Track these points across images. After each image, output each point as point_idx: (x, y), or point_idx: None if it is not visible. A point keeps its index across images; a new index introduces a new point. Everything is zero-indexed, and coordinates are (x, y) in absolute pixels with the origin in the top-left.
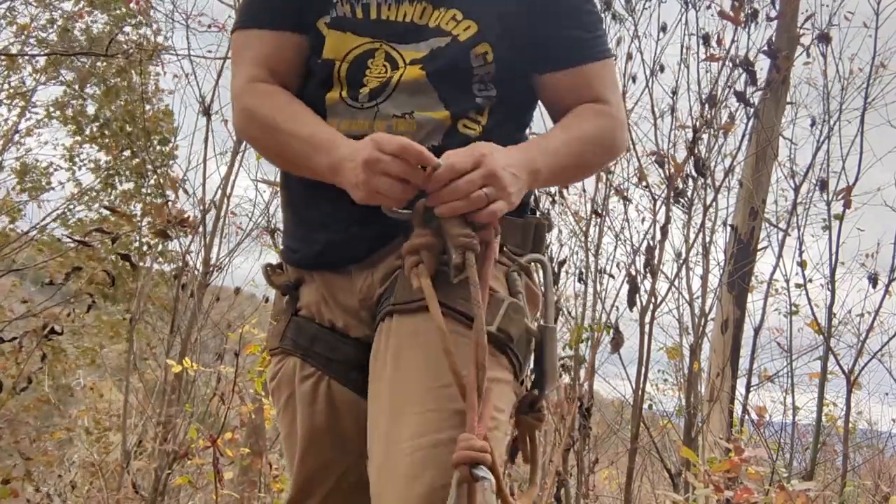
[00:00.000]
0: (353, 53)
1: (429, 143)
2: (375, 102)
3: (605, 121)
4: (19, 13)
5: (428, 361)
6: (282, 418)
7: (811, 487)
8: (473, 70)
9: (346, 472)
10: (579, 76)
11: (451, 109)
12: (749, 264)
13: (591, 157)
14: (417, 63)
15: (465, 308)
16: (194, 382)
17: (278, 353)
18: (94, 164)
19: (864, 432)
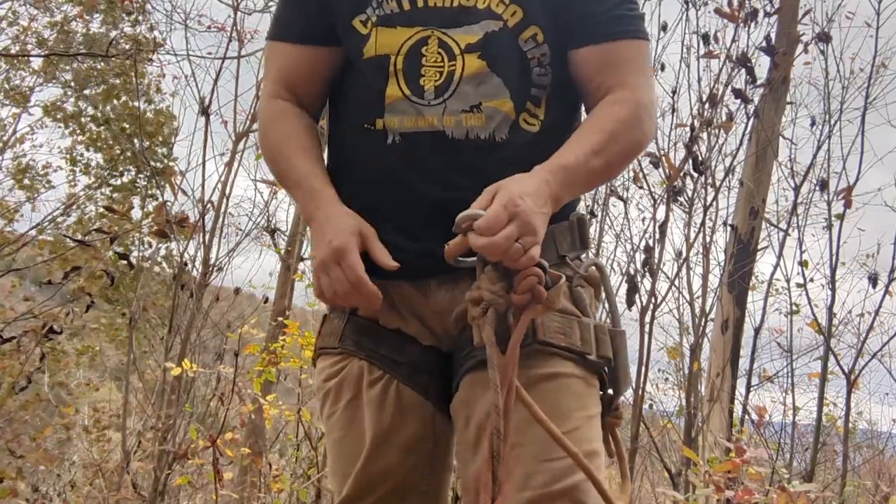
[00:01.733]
0: (407, 45)
1: (498, 135)
2: (443, 99)
3: (624, 112)
4: (20, 15)
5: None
6: (337, 420)
7: (812, 489)
8: (527, 54)
9: (406, 476)
10: (607, 53)
11: (514, 99)
12: (749, 264)
13: (614, 160)
14: (474, 50)
15: (568, 342)
16: (194, 383)
17: (337, 354)
18: (88, 166)
19: (864, 432)
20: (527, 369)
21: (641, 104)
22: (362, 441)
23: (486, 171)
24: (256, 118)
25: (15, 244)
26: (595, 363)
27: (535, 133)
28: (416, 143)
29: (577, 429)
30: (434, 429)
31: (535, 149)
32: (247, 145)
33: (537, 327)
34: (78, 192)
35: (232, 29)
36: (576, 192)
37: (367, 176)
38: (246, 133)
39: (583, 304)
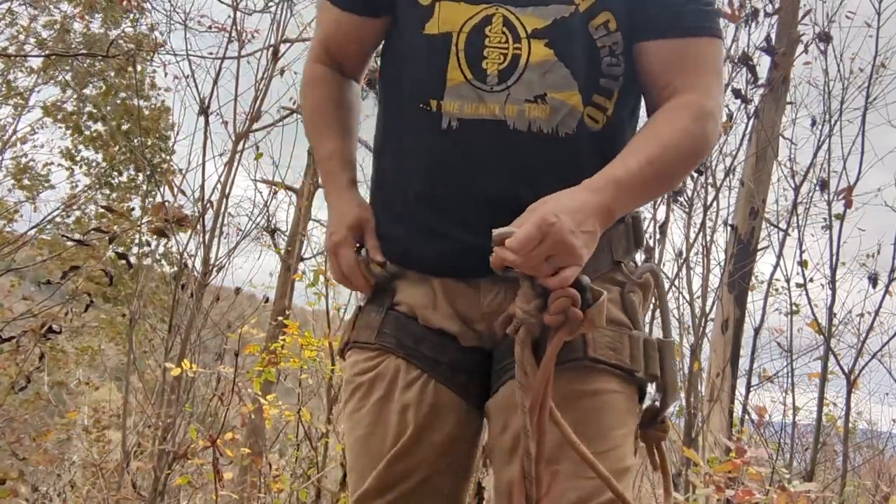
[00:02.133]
0: (470, 23)
1: (563, 130)
2: (506, 85)
3: (688, 120)
4: (19, 15)
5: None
6: (365, 415)
7: (812, 489)
8: (597, 42)
9: (428, 478)
10: (680, 51)
11: (582, 92)
12: (749, 264)
13: (672, 171)
14: (541, 36)
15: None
16: (194, 383)
17: (373, 350)
18: (89, 165)
19: (864, 432)
20: (573, 384)
21: (708, 111)
22: (386, 439)
23: (544, 168)
24: (257, 118)
25: (14, 244)
26: (641, 380)
27: (597, 130)
28: (475, 132)
29: (615, 448)
30: (468, 430)
31: (596, 147)
32: (246, 145)
33: (588, 342)
34: (78, 193)
35: (231, 29)
36: (630, 205)
37: (421, 162)
38: (246, 133)
39: (634, 312)
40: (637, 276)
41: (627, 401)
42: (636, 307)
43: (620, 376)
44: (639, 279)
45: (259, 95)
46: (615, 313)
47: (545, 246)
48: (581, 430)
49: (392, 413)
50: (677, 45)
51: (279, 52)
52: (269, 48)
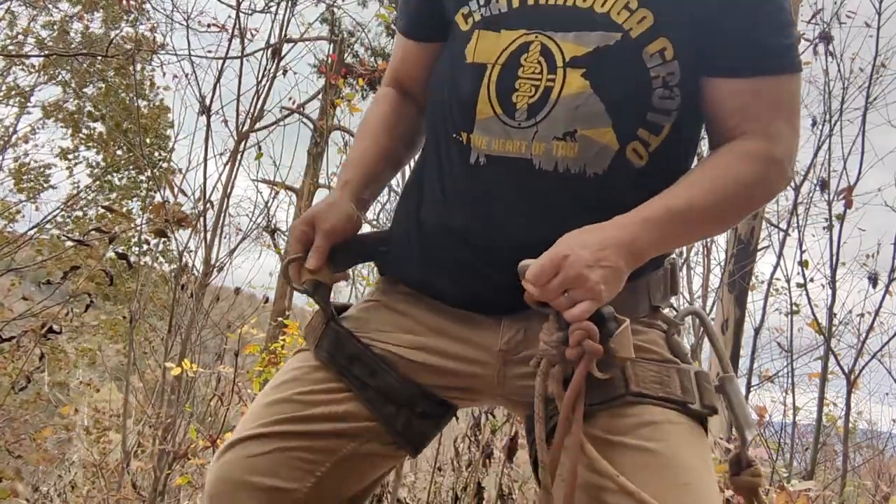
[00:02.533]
0: (506, 53)
1: (591, 170)
2: (534, 121)
3: (750, 171)
4: (19, 15)
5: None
6: (286, 385)
7: (811, 487)
8: (651, 73)
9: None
10: (752, 91)
11: (618, 130)
12: (749, 264)
13: (717, 217)
14: (579, 66)
15: (665, 392)
16: (194, 383)
17: (313, 359)
18: (91, 165)
19: (864, 432)
20: (619, 419)
21: (775, 161)
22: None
23: (571, 210)
24: (259, 118)
25: (14, 244)
26: (699, 413)
27: (639, 167)
28: (501, 170)
29: (701, 480)
30: (371, 453)
31: (640, 183)
32: (247, 145)
33: (629, 377)
34: (78, 193)
35: (233, 28)
36: (663, 247)
37: (452, 193)
38: (248, 133)
39: (682, 352)
40: (679, 319)
41: (692, 430)
42: (684, 348)
43: (676, 409)
44: (681, 322)
45: (261, 94)
46: (660, 352)
47: (559, 279)
48: (649, 462)
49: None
50: (751, 85)
51: (281, 52)
52: (271, 48)
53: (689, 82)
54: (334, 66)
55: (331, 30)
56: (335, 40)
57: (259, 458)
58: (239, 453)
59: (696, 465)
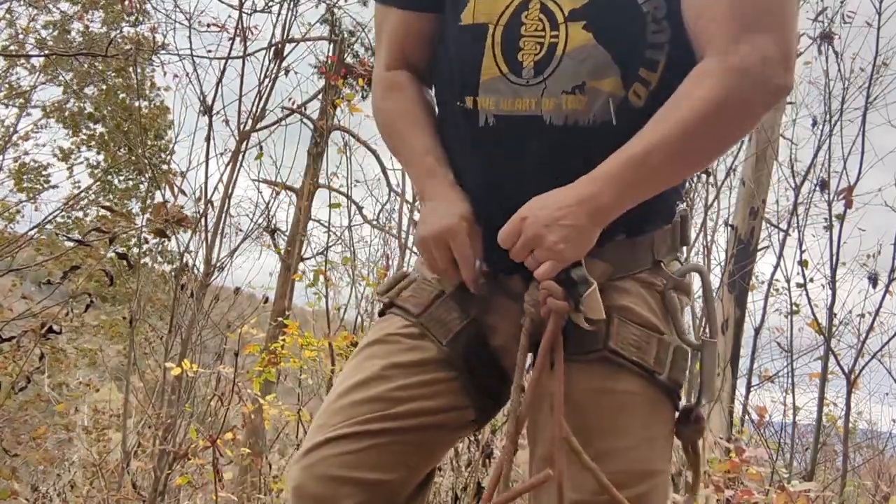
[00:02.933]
0: (507, 12)
1: (600, 119)
2: (542, 78)
3: (708, 90)
4: (18, 15)
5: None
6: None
7: (811, 488)
8: (642, 8)
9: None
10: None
11: (624, 73)
12: (749, 264)
13: (693, 150)
14: (579, 18)
15: (639, 357)
16: (194, 383)
17: (413, 326)
18: (91, 165)
19: (864, 432)
20: (593, 381)
21: (740, 71)
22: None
23: (584, 161)
24: (260, 118)
25: (14, 244)
26: (664, 384)
27: (639, 108)
28: (512, 129)
29: (634, 447)
30: (457, 424)
31: (643, 123)
32: (248, 145)
33: (612, 335)
34: (79, 194)
35: (236, 28)
36: (637, 196)
37: (467, 161)
38: (249, 133)
39: (675, 314)
40: (678, 275)
41: (650, 404)
42: (677, 308)
43: (642, 377)
44: (680, 277)
45: (263, 94)
46: (648, 316)
47: (521, 241)
48: (597, 425)
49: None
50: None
51: (283, 52)
52: (273, 47)
53: (674, 11)
54: (334, 67)
55: (331, 30)
56: (335, 40)
57: (357, 455)
58: (333, 450)
59: (637, 434)
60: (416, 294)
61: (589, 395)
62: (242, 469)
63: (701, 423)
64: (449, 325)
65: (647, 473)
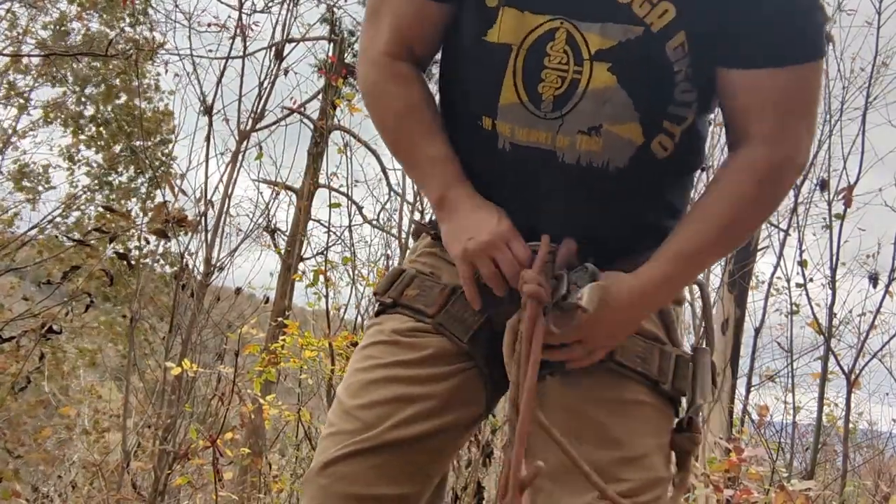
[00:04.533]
0: (532, 37)
1: (614, 164)
2: (560, 113)
3: (752, 186)
4: (19, 15)
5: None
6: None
7: (811, 487)
8: (674, 67)
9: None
10: (754, 85)
11: (644, 124)
12: (749, 264)
13: (732, 241)
14: (605, 59)
15: (644, 368)
16: (194, 383)
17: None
18: (90, 165)
19: (864, 432)
20: (601, 390)
21: (779, 168)
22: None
23: (591, 202)
24: (260, 118)
25: (14, 244)
26: (668, 393)
27: (663, 159)
28: (527, 159)
29: (645, 456)
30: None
31: (659, 177)
32: (248, 145)
33: (616, 348)
34: (77, 193)
35: (236, 28)
36: (677, 287)
37: (486, 177)
38: (249, 133)
39: (671, 324)
40: None
41: (658, 412)
42: (673, 319)
43: (648, 387)
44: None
45: (263, 94)
46: (649, 328)
47: (584, 345)
48: (607, 435)
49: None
50: (754, 77)
51: (283, 52)
52: (273, 47)
53: (704, 74)
54: (334, 67)
55: (331, 30)
56: (335, 40)
57: (375, 470)
58: (351, 468)
59: (646, 443)
60: (424, 292)
61: (599, 404)
62: (242, 469)
63: (695, 432)
64: (468, 322)
65: (656, 481)
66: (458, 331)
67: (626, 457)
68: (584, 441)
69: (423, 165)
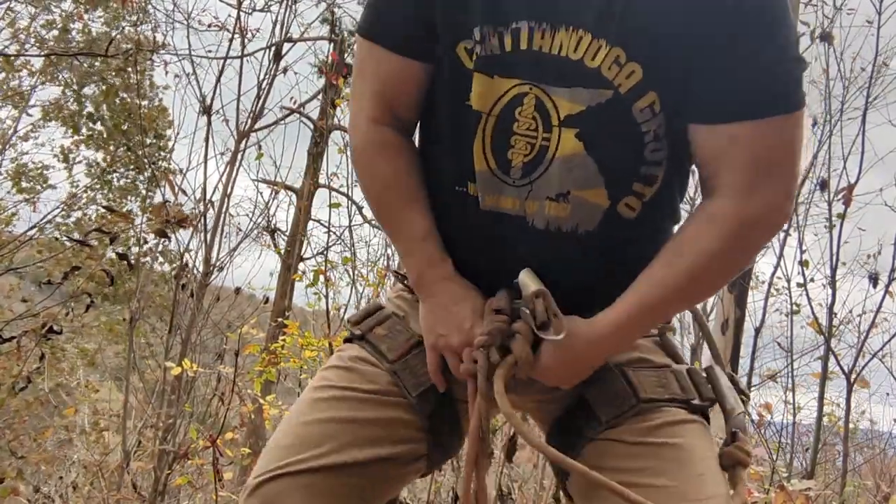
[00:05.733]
0: (501, 103)
1: (583, 228)
2: (529, 180)
3: (716, 239)
4: (19, 14)
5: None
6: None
7: (811, 487)
8: (642, 128)
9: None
10: (722, 137)
11: (610, 190)
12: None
13: (697, 292)
14: (573, 125)
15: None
16: (194, 383)
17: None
18: (90, 165)
19: (864, 432)
20: (642, 423)
21: (747, 222)
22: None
23: (566, 262)
24: (259, 117)
25: (13, 244)
26: (701, 406)
27: (631, 220)
28: (496, 223)
29: (712, 471)
30: (406, 471)
31: (627, 235)
32: (248, 145)
33: (636, 387)
34: (78, 193)
35: (235, 27)
36: (640, 336)
37: (461, 238)
38: (248, 132)
39: (674, 351)
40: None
41: (702, 427)
42: (675, 347)
43: (683, 407)
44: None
45: (262, 94)
46: (656, 360)
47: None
48: (672, 457)
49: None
50: (726, 131)
51: (282, 52)
52: (272, 47)
53: (674, 130)
54: (334, 66)
55: (331, 30)
56: (335, 40)
57: (306, 490)
58: (290, 484)
59: (709, 456)
60: (391, 335)
61: (651, 433)
62: (242, 469)
63: (742, 443)
64: (421, 378)
65: (727, 496)
66: (410, 384)
67: (700, 474)
68: (651, 472)
69: (403, 241)
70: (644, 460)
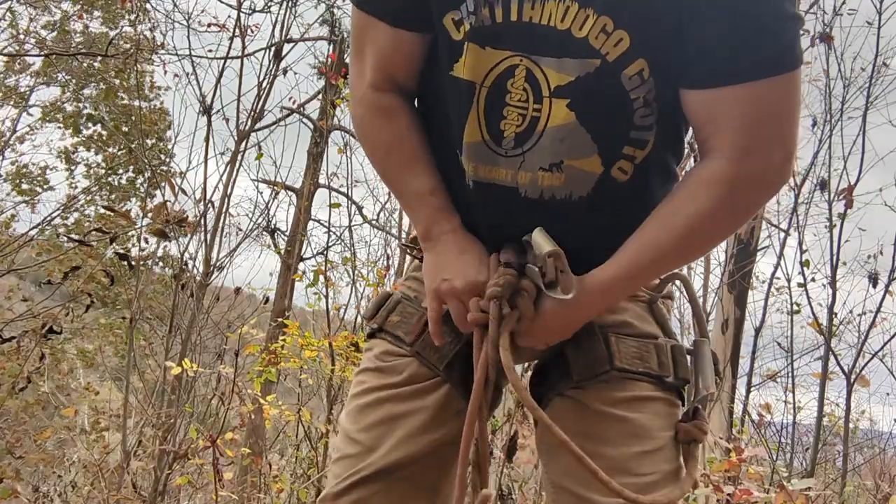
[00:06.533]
0: (493, 74)
1: (577, 194)
2: (521, 151)
3: (709, 199)
4: (19, 14)
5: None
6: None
7: (811, 486)
8: (631, 95)
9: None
10: (715, 99)
11: (603, 155)
12: (749, 264)
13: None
14: (563, 95)
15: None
16: (194, 383)
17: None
18: (89, 166)
19: (864, 432)
20: (609, 391)
21: (741, 182)
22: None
23: (558, 229)
24: (259, 117)
25: (13, 245)
26: (674, 385)
27: (625, 181)
28: (489, 193)
29: (661, 448)
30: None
31: (622, 198)
32: (248, 145)
33: (613, 354)
34: (77, 194)
35: (234, 28)
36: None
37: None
38: (248, 133)
39: (664, 321)
40: (661, 286)
41: (668, 405)
42: (665, 316)
43: (654, 383)
44: (663, 292)
45: (262, 94)
46: (642, 327)
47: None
48: (625, 431)
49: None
50: (719, 94)
51: (282, 53)
52: (272, 47)
53: (665, 94)
54: (334, 66)
55: (331, 30)
56: (335, 40)
57: (383, 496)
58: (363, 493)
59: (665, 435)
60: (405, 319)
61: (613, 404)
62: (242, 469)
63: (700, 421)
64: (444, 350)
65: (677, 471)
66: (434, 359)
67: (645, 451)
68: (603, 441)
69: (409, 199)
70: (600, 429)
